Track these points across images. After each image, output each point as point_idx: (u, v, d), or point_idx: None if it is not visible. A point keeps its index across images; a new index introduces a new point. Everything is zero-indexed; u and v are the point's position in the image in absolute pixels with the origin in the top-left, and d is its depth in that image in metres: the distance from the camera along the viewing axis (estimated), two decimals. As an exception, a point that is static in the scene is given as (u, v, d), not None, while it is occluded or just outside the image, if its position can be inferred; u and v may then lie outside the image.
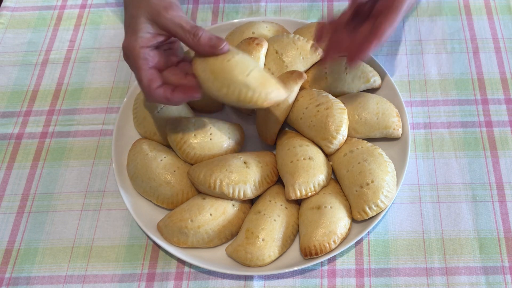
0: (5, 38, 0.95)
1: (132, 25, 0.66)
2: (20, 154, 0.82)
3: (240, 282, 0.70)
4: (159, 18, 0.65)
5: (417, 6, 0.93)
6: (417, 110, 0.82)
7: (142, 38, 0.65)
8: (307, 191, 0.71)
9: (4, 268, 0.72)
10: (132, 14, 0.66)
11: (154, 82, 0.66)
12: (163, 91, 0.66)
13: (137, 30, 0.65)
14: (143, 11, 0.65)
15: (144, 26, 0.65)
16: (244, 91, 0.64)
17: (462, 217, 0.73)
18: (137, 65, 0.65)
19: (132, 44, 0.65)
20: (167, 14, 0.65)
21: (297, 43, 0.81)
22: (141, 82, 0.66)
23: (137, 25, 0.65)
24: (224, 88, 0.64)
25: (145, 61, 0.66)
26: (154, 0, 0.66)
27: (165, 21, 0.65)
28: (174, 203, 0.73)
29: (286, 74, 0.77)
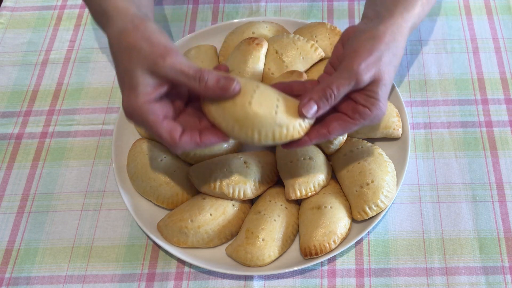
0: (5, 38, 0.95)
1: (128, 81, 0.58)
2: (20, 154, 0.82)
3: (240, 282, 0.70)
4: (157, 68, 0.57)
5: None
6: (417, 110, 0.82)
7: (143, 94, 0.58)
8: (307, 191, 0.71)
9: (4, 268, 0.72)
10: (126, 68, 0.58)
11: (175, 131, 0.59)
12: (190, 138, 0.59)
13: (135, 86, 0.58)
14: (137, 63, 0.58)
15: (142, 79, 0.58)
16: (277, 130, 0.59)
17: (462, 217, 0.73)
18: (149, 122, 0.58)
19: (133, 102, 0.58)
20: (164, 63, 0.57)
21: (297, 43, 0.81)
22: (161, 137, 0.59)
23: (133, 79, 0.58)
24: (255, 134, 0.59)
25: (155, 116, 0.58)
26: (147, 49, 0.58)
27: (164, 70, 0.57)
28: (174, 203, 0.73)
29: (286, 74, 0.77)
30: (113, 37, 0.61)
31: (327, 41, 0.83)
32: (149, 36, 0.59)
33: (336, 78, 0.60)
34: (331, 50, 0.83)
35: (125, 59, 0.59)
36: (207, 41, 0.89)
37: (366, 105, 0.61)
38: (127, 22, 0.61)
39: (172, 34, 0.93)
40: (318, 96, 0.60)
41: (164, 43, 0.59)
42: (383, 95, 0.62)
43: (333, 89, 0.60)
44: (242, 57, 0.80)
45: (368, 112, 0.61)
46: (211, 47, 0.87)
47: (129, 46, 0.59)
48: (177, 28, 0.94)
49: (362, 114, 0.61)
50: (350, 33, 0.65)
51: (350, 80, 0.60)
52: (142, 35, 0.59)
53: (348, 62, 0.60)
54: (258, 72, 0.80)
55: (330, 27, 0.84)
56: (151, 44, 0.58)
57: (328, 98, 0.60)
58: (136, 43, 0.59)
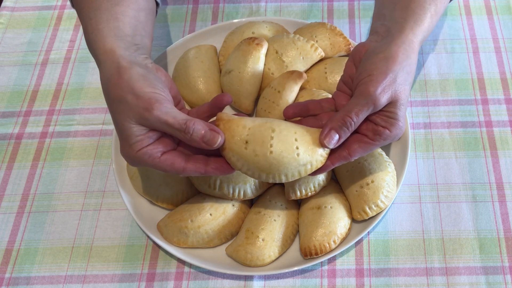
0: (5, 38, 0.95)
1: (121, 133, 0.61)
2: (20, 154, 0.82)
3: (240, 282, 0.70)
4: (143, 121, 0.60)
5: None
6: (417, 110, 0.82)
7: (135, 143, 0.60)
8: (307, 191, 0.71)
9: (4, 268, 0.72)
10: (117, 121, 0.61)
11: (177, 163, 0.61)
12: (195, 167, 0.61)
13: (127, 137, 0.60)
14: (126, 116, 0.60)
15: (132, 131, 0.60)
16: (303, 169, 0.61)
17: (462, 217, 0.73)
18: (149, 164, 0.61)
19: (129, 152, 0.61)
20: (150, 116, 0.59)
21: (297, 43, 0.81)
22: (166, 172, 0.62)
23: (124, 131, 0.60)
24: (282, 177, 0.62)
25: (152, 157, 0.61)
26: (132, 102, 0.60)
27: (150, 123, 0.60)
28: (174, 203, 0.73)
29: (286, 74, 0.77)
30: (103, 85, 0.63)
31: (327, 41, 0.83)
32: (133, 87, 0.60)
33: (354, 105, 0.61)
34: (331, 50, 0.83)
35: (115, 112, 0.61)
36: (207, 41, 0.89)
37: (386, 126, 0.62)
38: (113, 69, 0.62)
39: (172, 34, 0.93)
40: (338, 125, 0.61)
41: (148, 94, 0.60)
42: (402, 115, 0.63)
43: (352, 117, 0.61)
44: (242, 57, 0.80)
45: (388, 133, 0.62)
46: (211, 47, 0.87)
47: (116, 99, 0.61)
48: (177, 28, 0.94)
49: (383, 135, 0.62)
50: (361, 52, 0.66)
51: (368, 105, 0.61)
52: (127, 86, 0.60)
53: (365, 87, 0.61)
54: (258, 72, 0.80)
55: (330, 27, 0.84)
56: (136, 97, 0.60)
57: (348, 126, 0.61)
58: (122, 96, 0.60)
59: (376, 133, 0.62)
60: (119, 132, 0.62)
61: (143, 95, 0.60)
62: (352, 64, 0.67)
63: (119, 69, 0.62)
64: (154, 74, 0.64)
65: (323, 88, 0.79)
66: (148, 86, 0.61)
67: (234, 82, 0.79)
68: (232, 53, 0.82)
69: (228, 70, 0.81)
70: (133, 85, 0.60)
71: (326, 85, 0.80)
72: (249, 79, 0.79)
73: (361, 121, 0.62)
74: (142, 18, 0.69)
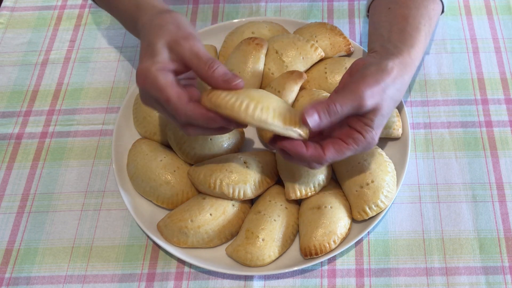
0: (5, 38, 0.95)
1: (149, 51, 0.63)
2: (20, 154, 0.82)
3: (240, 282, 0.70)
4: (177, 46, 0.62)
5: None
6: (417, 110, 0.82)
7: (159, 62, 0.62)
8: (307, 191, 0.71)
9: (4, 268, 0.72)
10: (150, 41, 0.64)
11: (184, 96, 0.61)
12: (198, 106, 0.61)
13: (154, 54, 0.62)
14: (161, 38, 0.63)
15: (161, 51, 0.63)
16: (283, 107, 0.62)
17: (462, 217, 0.73)
18: (158, 85, 0.61)
19: (149, 66, 0.62)
20: (186, 44, 0.62)
21: (297, 43, 0.81)
22: (169, 100, 0.61)
23: (154, 50, 0.63)
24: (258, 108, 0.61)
25: (166, 80, 0.61)
26: (173, 29, 0.64)
27: (182, 50, 0.62)
28: (174, 203, 0.73)
29: (286, 74, 0.77)
30: (146, 21, 0.67)
31: (327, 41, 0.83)
32: (179, 22, 0.66)
33: (341, 97, 0.61)
34: (331, 50, 0.83)
35: (151, 34, 0.65)
36: (207, 41, 0.89)
37: (360, 131, 0.62)
38: (162, 11, 0.68)
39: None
40: (321, 108, 0.60)
41: (190, 30, 0.65)
42: (378, 125, 0.63)
43: (336, 106, 0.60)
44: (242, 57, 0.80)
45: (361, 138, 0.62)
46: (211, 47, 0.87)
47: (158, 25, 0.65)
48: (177, 28, 0.94)
49: (356, 139, 0.62)
50: (359, 65, 0.66)
51: (353, 101, 0.61)
52: (174, 20, 0.66)
53: (356, 86, 0.61)
54: (258, 72, 0.80)
55: (330, 27, 0.84)
56: (178, 27, 0.65)
57: (331, 112, 0.60)
58: (166, 24, 0.65)
59: (349, 137, 0.62)
60: (147, 50, 0.64)
61: (185, 29, 0.65)
62: (349, 76, 0.67)
63: (169, 10, 0.68)
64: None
65: (323, 88, 0.79)
66: (190, 28, 0.66)
67: (234, 82, 0.79)
68: (232, 53, 0.82)
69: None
70: (179, 21, 0.66)
71: (326, 85, 0.80)
72: (249, 79, 0.79)
73: (342, 116, 0.61)
74: None
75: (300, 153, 0.61)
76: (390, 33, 0.69)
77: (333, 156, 0.62)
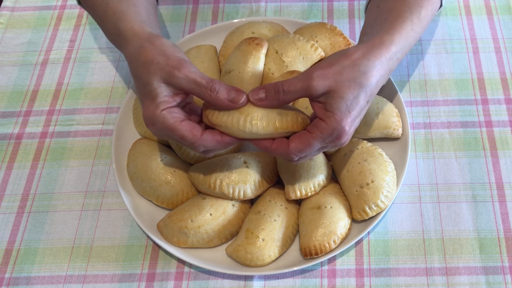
0: (5, 38, 0.95)
1: (148, 93, 0.63)
2: (20, 154, 0.82)
3: (240, 282, 0.70)
4: (173, 79, 0.61)
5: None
6: (417, 110, 0.82)
7: (162, 103, 0.62)
8: (307, 191, 0.71)
9: (4, 268, 0.72)
10: (145, 81, 0.63)
11: (196, 129, 0.62)
12: (212, 135, 0.62)
13: (154, 96, 0.62)
14: (155, 76, 0.62)
15: (160, 90, 0.62)
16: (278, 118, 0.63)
17: (462, 217, 0.73)
18: (170, 125, 0.62)
19: (154, 110, 0.62)
20: (179, 73, 0.61)
21: (297, 43, 0.81)
22: (183, 137, 0.62)
23: (152, 91, 0.62)
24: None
25: (175, 118, 0.62)
26: (162, 62, 0.62)
27: (179, 82, 0.61)
28: (174, 203, 0.73)
29: (286, 74, 0.77)
30: (131, 54, 0.66)
31: (327, 41, 0.83)
32: (165, 50, 0.64)
33: (291, 79, 0.62)
34: (331, 50, 0.83)
35: (143, 73, 0.63)
36: (207, 41, 0.89)
37: (322, 118, 0.60)
38: (144, 41, 0.65)
39: (172, 34, 0.93)
40: (269, 87, 0.61)
41: (178, 56, 0.64)
42: (341, 109, 0.60)
43: (283, 85, 0.61)
44: (242, 57, 0.80)
45: (323, 125, 0.60)
46: (211, 47, 0.87)
47: (147, 61, 0.63)
48: (177, 28, 0.94)
49: (318, 126, 0.60)
50: None
51: (301, 82, 0.60)
52: (158, 50, 0.64)
53: (308, 70, 0.62)
54: (258, 72, 0.80)
55: (330, 27, 0.84)
56: (167, 57, 0.63)
57: (276, 92, 0.61)
58: (153, 58, 0.63)
59: (313, 125, 0.61)
60: (146, 92, 0.63)
61: (173, 56, 0.63)
62: None
63: (150, 39, 0.65)
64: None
65: (323, 88, 0.79)
66: (178, 52, 0.65)
67: (234, 82, 0.79)
68: (232, 53, 0.82)
69: (228, 70, 0.81)
70: (164, 49, 0.64)
71: (326, 85, 0.79)
72: (249, 79, 0.79)
73: (290, 97, 0.61)
74: (151, 9, 0.74)
75: (267, 147, 0.63)
76: (372, 28, 0.68)
77: (298, 146, 0.61)
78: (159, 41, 0.65)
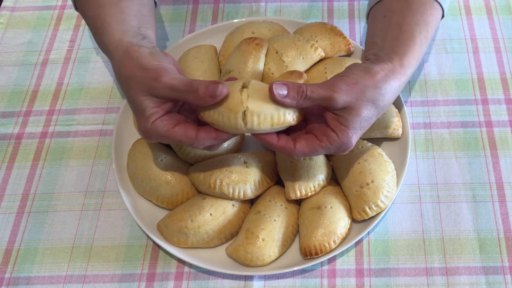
0: (5, 38, 0.95)
1: (136, 108, 0.64)
2: (20, 154, 0.82)
3: (240, 282, 0.70)
4: (154, 91, 0.62)
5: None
6: (417, 110, 0.82)
7: (151, 115, 0.62)
8: (307, 191, 0.71)
9: (4, 268, 0.72)
10: (131, 97, 0.64)
11: (190, 130, 0.62)
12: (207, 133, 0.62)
13: (143, 110, 0.63)
14: (137, 90, 0.63)
15: (146, 103, 0.63)
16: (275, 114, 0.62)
17: (462, 217, 0.73)
18: (164, 134, 0.63)
19: (146, 124, 0.63)
20: (158, 84, 0.62)
21: (297, 43, 0.81)
22: (180, 141, 0.63)
23: (139, 105, 0.63)
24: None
25: (167, 126, 0.63)
26: (141, 75, 0.63)
27: (160, 92, 0.62)
28: (174, 203, 0.73)
29: (286, 74, 0.77)
30: (115, 70, 0.67)
31: (327, 41, 0.83)
32: (141, 62, 0.64)
33: (315, 85, 0.62)
34: (331, 50, 0.83)
35: (127, 89, 0.65)
36: (207, 41, 0.89)
37: (335, 130, 0.62)
38: (122, 54, 0.66)
39: (172, 34, 0.93)
40: (292, 86, 0.61)
41: (156, 65, 0.64)
42: (354, 126, 0.62)
43: (307, 89, 0.61)
44: (242, 57, 0.80)
45: (334, 137, 0.62)
46: (211, 47, 0.87)
47: (127, 77, 0.64)
48: (177, 28, 0.94)
49: (329, 137, 0.62)
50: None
51: (325, 91, 0.61)
52: (136, 63, 0.64)
53: (332, 80, 0.63)
54: (258, 72, 0.80)
55: (330, 27, 0.84)
56: (144, 69, 0.63)
57: (301, 92, 0.61)
58: (132, 73, 0.64)
59: (324, 134, 0.62)
60: (134, 108, 0.64)
61: (150, 67, 0.63)
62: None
63: (128, 51, 0.65)
64: (160, 53, 0.67)
65: (323, 88, 0.79)
66: (155, 60, 0.64)
67: (234, 82, 0.79)
68: (232, 53, 0.82)
69: (228, 70, 0.81)
70: (141, 61, 0.64)
71: (326, 85, 0.80)
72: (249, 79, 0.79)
73: (311, 102, 0.61)
74: (145, 12, 0.73)
75: (271, 144, 0.63)
76: (384, 41, 0.69)
77: (303, 150, 0.62)
78: (136, 52, 0.65)
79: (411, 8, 0.71)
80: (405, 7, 0.71)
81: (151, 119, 0.63)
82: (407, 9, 0.71)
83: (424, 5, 0.71)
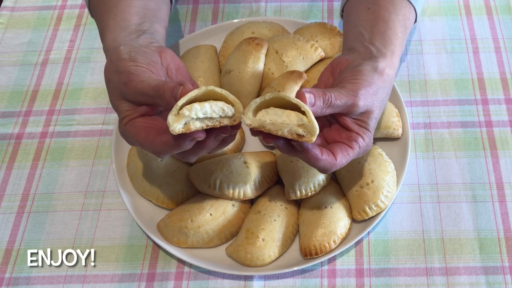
0: (5, 38, 0.95)
1: (115, 110, 0.64)
2: (20, 154, 0.82)
3: (240, 282, 0.70)
4: (125, 95, 0.62)
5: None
6: (417, 110, 0.82)
7: (124, 117, 0.62)
8: (307, 191, 0.71)
9: (4, 268, 0.72)
10: (111, 100, 0.64)
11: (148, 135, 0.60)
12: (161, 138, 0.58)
13: (119, 113, 0.63)
14: (113, 94, 0.63)
15: (121, 106, 0.62)
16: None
17: (462, 217, 0.73)
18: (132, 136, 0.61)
19: (119, 126, 0.63)
20: (128, 89, 0.61)
21: (297, 43, 0.81)
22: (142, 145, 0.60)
23: (116, 109, 0.63)
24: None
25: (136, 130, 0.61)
26: (116, 79, 0.62)
27: (131, 97, 0.61)
28: (174, 203, 0.73)
29: (286, 74, 0.77)
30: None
31: (327, 41, 0.83)
32: (118, 65, 0.63)
33: (337, 91, 0.61)
34: (331, 50, 0.83)
35: (109, 93, 0.65)
36: (207, 41, 0.89)
37: (359, 133, 0.62)
38: (107, 58, 0.66)
39: (172, 34, 0.93)
40: (317, 93, 0.59)
41: (128, 68, 0.62)
42: (373, 127, 0.64)
43: (331, 96, 0.60)
44: (242, 57, 0.80)
45: (362, 142, 0.62)
46: (211, 47, 0.87)
47: (107, 81, 0.65)
48: (177, 28, 0.94)
49: (359, 142, 0.62)
50: (343, 64, 0.66)
51: (348, 98, 0.61)
52: (113, 66, 0.64)
53: (351, 86, 0.62)
54: (258, 72, 0.80)
55: (330, 27, 0.84)
56: (119, 73, 0.63)
57: (326, 100, 0.59)
58: (110, 77, 0.64)
59: (351, 139, 0.62)
60: (114, 107, 0.64)
61: (122, 71, 0.62)
62: (330, 74, 0.67)
63: (111, 53, 0.65)
64: (144, 52, 0.65)
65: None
66: (130, 61, 0.63)
67: (234, 82, 0.79)
68: (232, 53, 0.82)
69: (228, 70, 0.81)
70: (118, 64, 0.63)
71: (326, 85, 0.80)
72: (249, 79, 0.79)
73: (334, 110, 0.60)
74: (153, 6, 0.72)
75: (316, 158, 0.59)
76: (372, 34, 0.69)
77: (342, 161, 0.61)
78: (116, 55, 0.64)
79: (394, 5, 0.71)
80: (388, 3, 0.71)
81: (124, 121, 0.62)
82: (390, 6, 0.71)
83: (404, 8, 0.71)
